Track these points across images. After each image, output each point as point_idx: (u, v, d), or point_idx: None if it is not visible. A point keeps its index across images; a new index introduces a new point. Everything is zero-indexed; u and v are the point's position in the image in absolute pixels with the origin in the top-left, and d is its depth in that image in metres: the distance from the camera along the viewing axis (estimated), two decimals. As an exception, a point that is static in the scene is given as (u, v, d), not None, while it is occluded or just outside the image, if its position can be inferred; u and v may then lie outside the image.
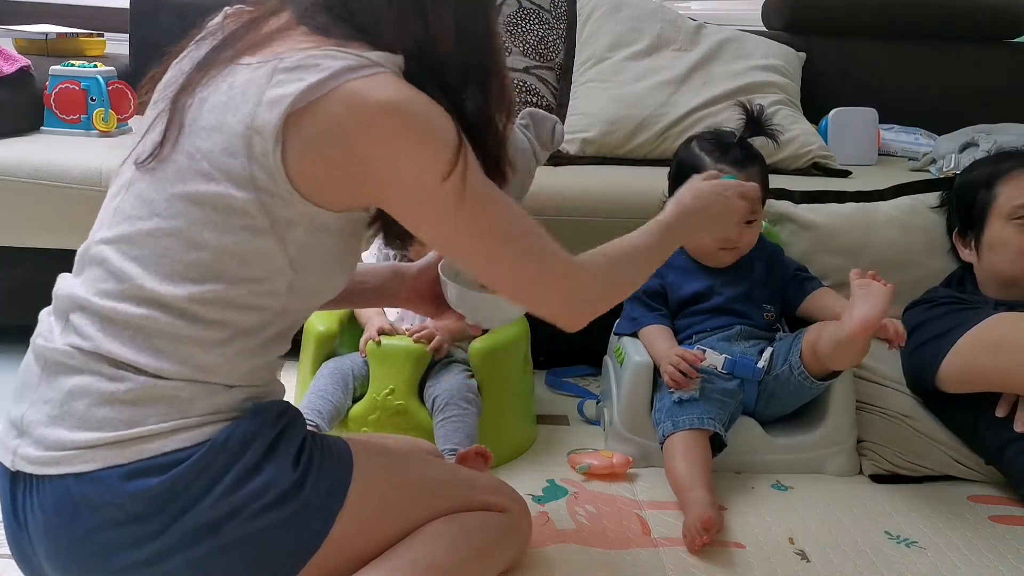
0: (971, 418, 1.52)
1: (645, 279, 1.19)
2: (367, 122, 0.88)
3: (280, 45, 0.93)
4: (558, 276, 1.02)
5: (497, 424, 1.53)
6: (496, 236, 0.97)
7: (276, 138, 0.87)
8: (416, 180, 0.90)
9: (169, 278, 0.90)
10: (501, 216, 0.98)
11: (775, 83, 2.30)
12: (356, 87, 0.87)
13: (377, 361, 1.48)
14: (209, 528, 0.89)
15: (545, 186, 1.85)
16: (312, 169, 0.89)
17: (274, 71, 0.89)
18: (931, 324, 1.57)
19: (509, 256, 0.98)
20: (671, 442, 1.45)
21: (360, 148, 0.89)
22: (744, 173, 1.56)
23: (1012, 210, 1.59)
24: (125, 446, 0.88)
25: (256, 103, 0.88)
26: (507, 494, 1.15)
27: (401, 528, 1.02)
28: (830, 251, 1.78)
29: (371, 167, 0.90)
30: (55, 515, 0.89)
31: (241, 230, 0.90)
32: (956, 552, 1.33)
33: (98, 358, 0.90)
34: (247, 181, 0.89)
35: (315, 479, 0.95)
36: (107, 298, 0.91)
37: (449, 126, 0.90)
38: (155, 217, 0.91)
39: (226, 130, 0.89)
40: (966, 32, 2.62)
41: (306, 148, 0.88)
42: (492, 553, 1.10)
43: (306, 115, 0.87)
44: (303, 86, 0.87)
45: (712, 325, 1.60)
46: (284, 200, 0.90)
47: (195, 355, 0.91)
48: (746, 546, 1.32)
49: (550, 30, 2.34)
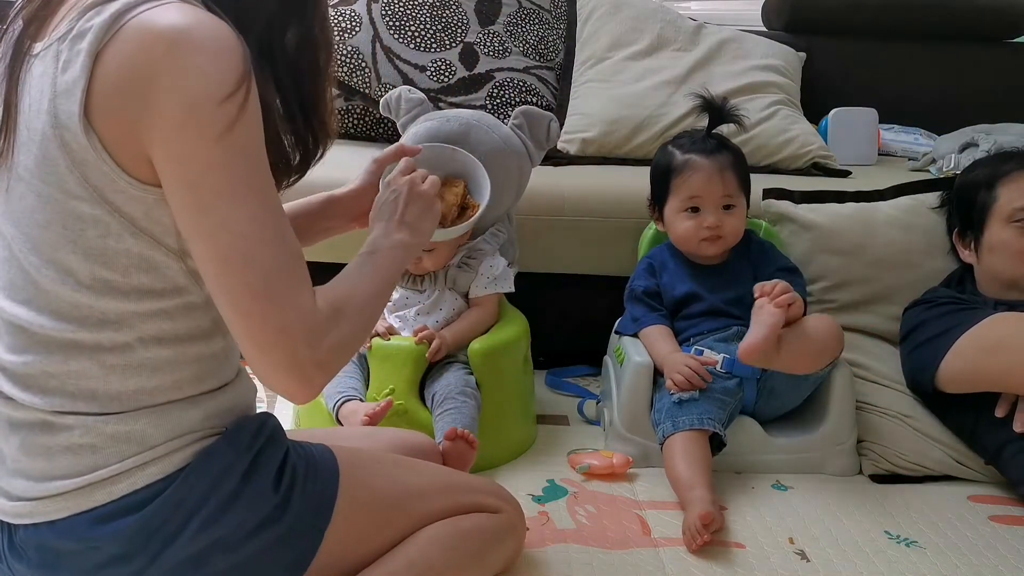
0: (971, 418, 1.52)
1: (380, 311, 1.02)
2: (148, 61, 0.78)
3: (63, 14, 0.85)
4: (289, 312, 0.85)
5: (497, 424, 1.53)
6: (245, 192, 0.82)
7: (84, 125, 0.80)
8: (189, 100, 0.79)
9: (60, 316, 0.84)
10: (257, 184, 0.83)
11: (775, 83, 2.30)
12: (139, 21, 0.79)
13: (377, 361, 1.48)
14: (195, 561, 0.87)
15: (545, 186, 1.85)
16: (125, 140, 0.80)
17: (57, 54, 0.81)
18: (931, 324, 1.57)
19: (247, 225, 0.82)
20: (671, 442, 1.45)
21: (143, 86, 0.79)
22: (713, 160, 1.59)
23: (1012, 212, 1.59)
24: (94, 489, 0.84)
25: (52, 96, 0.81)
26: (500, 495, 1.15)
27: (393, 536, 1.01)
28: (830, 251, 1.78)
29: (151, 99, 0.79)
30: (38, 563, 0.86)
31: (101, 239, 0.82)
32: (956, 552, 1.33)
33: (37, 411, 0.85)
34: (80, 186, 0.81)
35: (299, 498, 0.92)
36: (12, 353, 0.86)
37: (237, 52, 0.81)
38: (18, 257, 0.85)
39: (38, 137, 0.82)
40: (966, 32, 2.62)
41: (112, 116, 0.80)
42: (488, 554, 1.09)
43: (97, 79, 0.79)
44: (83, 57, 0.79)
45: (708, 328, 1.60)
46: (127, 193, 0.82)
47: (128, 383, 0.85)
48: (746, 546, 1.32)
49: (550, 30, 2.34)
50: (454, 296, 1.60)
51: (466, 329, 1.55)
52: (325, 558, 0.94)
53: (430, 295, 1.58)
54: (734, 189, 1.60)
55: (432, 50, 2.20)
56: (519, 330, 1.62)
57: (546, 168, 1.96)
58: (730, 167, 1.60)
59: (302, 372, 0.85)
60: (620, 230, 1.86)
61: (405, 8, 2.22)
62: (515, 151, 1.66)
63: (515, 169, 1.66)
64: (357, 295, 0.94)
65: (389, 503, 1.02)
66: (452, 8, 2.25)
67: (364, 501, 0.99)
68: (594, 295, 1.89)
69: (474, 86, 2.19)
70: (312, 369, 0.85)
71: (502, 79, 2.21)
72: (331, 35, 0.95)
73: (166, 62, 0.78)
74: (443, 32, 2.22)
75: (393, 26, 2.20)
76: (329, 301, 0.89)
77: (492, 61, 2.23)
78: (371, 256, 1.01)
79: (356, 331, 0.92)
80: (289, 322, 0.83)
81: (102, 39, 0.79)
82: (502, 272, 1.63)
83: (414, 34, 2.20)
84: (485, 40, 2.24)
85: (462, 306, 1.60)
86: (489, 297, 1.61)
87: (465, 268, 1.61)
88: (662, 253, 1.69)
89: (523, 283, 1.68)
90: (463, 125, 1.62)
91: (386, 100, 1.73)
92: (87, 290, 0.83)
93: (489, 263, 1.62)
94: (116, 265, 0.84)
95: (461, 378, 1.49)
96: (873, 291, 1.77)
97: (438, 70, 2.19)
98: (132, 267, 0.84)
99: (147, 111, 0.79)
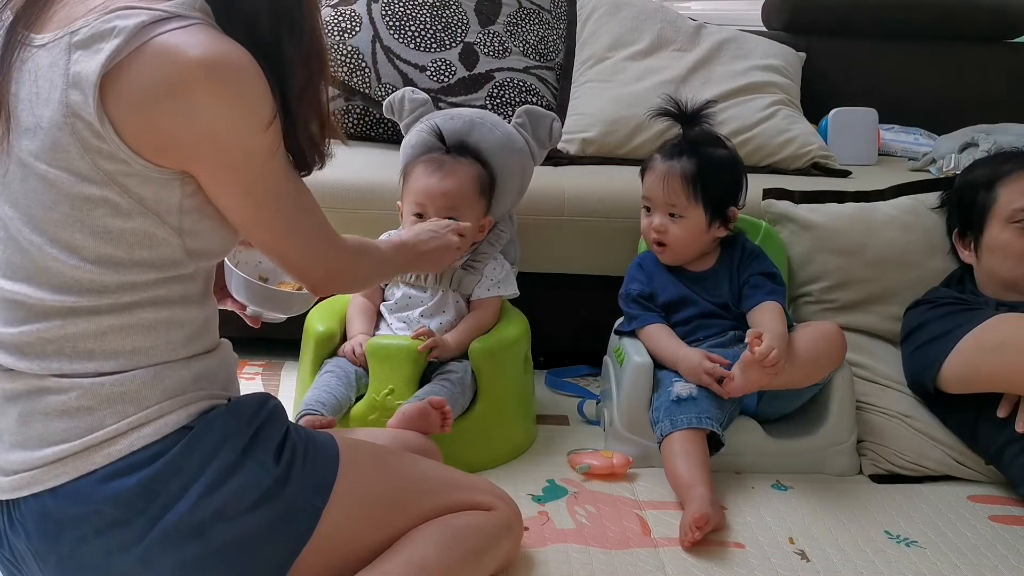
0: (971, 418, 1.52)
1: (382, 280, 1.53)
2: (185, 79, 0.84)
3: (68, 10, 0.88)
4: (326, 254, 1.04)
5: (497, 424, 1.54)
6: (285, 202, 0.96)
7: (100, 117, 0.84)
8: (231, 136, 0.88)
9: (61, 289, 0.88)
10: (291, 190, 0.97)
11: (775, 83, 2.30)
12: (168, 41, 0.84)
13: (377, 361, 1.48)
14: (194, 530, 0.88)
15: (545, 186, 1.85)
16: (148, 135, 0.86)
17: (69, 47, 0.85)
18: (932, 325, 1.57)
19: (295, 221, 0.99)
20: (670, 442, 1.45)
21: (180, 103, 0.85)
22: (667, 165, 1.58)
23: (1012, 213, 1.59)
24: (92, 452, 0.87)
25: (64, 87, 0.85)
26: (495, 493, 1.15)
27: (389, 526, 1.02)
28: (830, 251, 1.78)
29: (189, 122, 0.86)
30: (38, 536, 0.88)
31: (110, 218, 0.87)
32: (956, 552, 1.33)
33: (34, 378, 0.88)
34: (92, 170, 0.86)
35: (299, 474, 0.95)
36: (9, 326, 0.89)
37: (263, 80, 0.89)
38: (15, 237, 0.89)
39: (46, 124, 0.86)
40: (966, 32, 2.62)
41: (133, 113, 0.85)
42: (485, 553, 1.09)
43: (120, 81, 0.84)
44: (103, 58, 0.83)
45: (704, 334, 1.60)
46: (141, 175, 0.87)
47: (125, 343, 0.90)
48: (746, 546, 1.32)
49: (550, 30, 2.34)
50: (457, 298, 1.60)
51: (467, 333, 1.55)
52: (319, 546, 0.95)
53: (433, 295, 1.58)
54: (679, 198, 1.56)
55: (432, 50, 2.20)
56: (519, 330, 1.62)
57: (546, 168, 1.96)
58: (679, 175, 1.56)
59: (329, 270, 1.04)
60: (620, 230, 1.86)
61: (405, 8, 2.22)
62: (518, 148, 1.66)
63: (518, 166, 1.67)
64: (374, 252, 1.17)
65: (385, 494, 1.03)
66: (452, 8, 2.25)
67: (361, 489, 1.00)
68: (594, 295, 1.89)
69: (474, 86, 2.19)
70: (337, 271, 1.05)
71: (502, 79, 2.21)
72: (325, 61, 0.99)
73: (207, 87, 0.85)
74: (443, 32, 2.22)
75: (393, 26, 2.20)
76: (356, 243, 1.10)
77: (492, 61, 2.23)
78: (401, 241, 1.27)
79: (367, 269, 1.15)
80: (331, 250, 1.03)
81: (127, 46, 0.83)
82: (506, 276, 1.63)
83: (414, 34, 2.20)
84: (485, 40, 2.24)
85: (464, 309, 1.61)
86: (491, 300, 1.61)
87: (470, 270, 1.61)
88: (652, 257, 1.68)
89: (523, 283, 1.68)
90: (467, 123, 1.63)
91: (389, 102, 1.73)
92: (91, 265, 0.88)
93: (493, 266, 1.62)
94: (121, 242, 0.89)
95: (461, 369, 1.51)
96: (873, 291, 1.77)
97: (438, 70, 2.19)
98: (136, 244, 0.89)
99: (189, 128, 0.86)
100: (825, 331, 1.52)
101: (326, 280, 1.06)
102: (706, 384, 1.48)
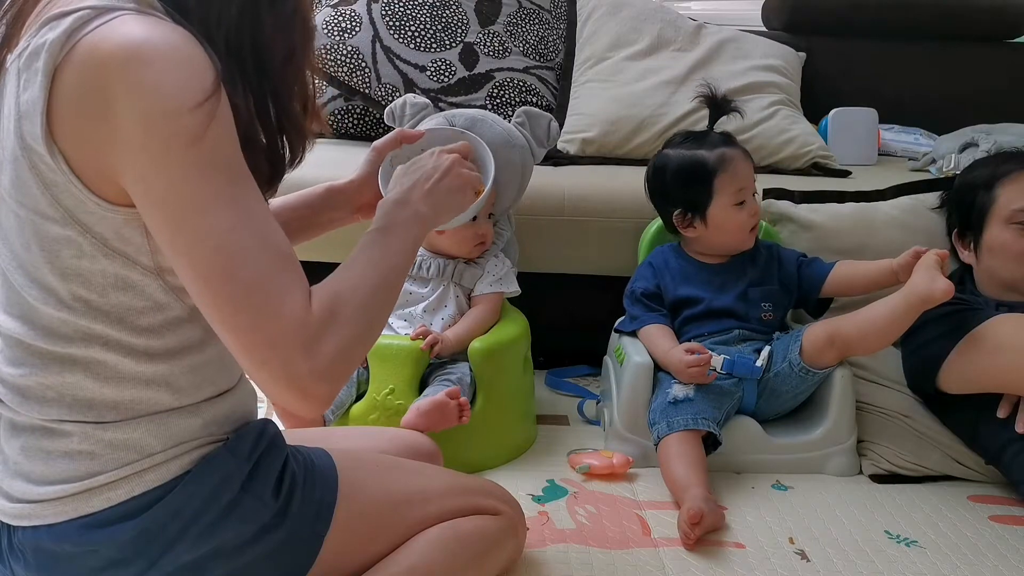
0: (971, 418, 1.52)
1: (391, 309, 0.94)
2: (102, 82, 0.74)
3: (28, 20, 0.81)
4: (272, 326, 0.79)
5: (497, 424, 1.54)
6: (217, 204, 0.77)
7: (49, 147, 0.76)
8: (147, 117, 0.75)
9: (49, 333, 0.83)
10: (231, 193, 0.78)
11: (775, 83, 2.30)
12: (88, 43, 0.75)
13: (377, 361, 1.48)
14: (193, 568, 0.86)
15: (545, 186, 1.85)
16: (89, 159, 0.77)
17: (18, 72, 0.78)
18: (932, 325, 1.57)
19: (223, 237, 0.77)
20: (666, 444, 1.45)
21: (100, 109, 0.75)
22: (740, 150, 1.61)
23: (1011, 214, 1.59)
24: (91, 495, 0.84)
25: (16, 117, 0.78)
26: (500, 497, 1.14)
27: (393, 540, 1.01)
28: (830, 251, 1.77)
29: (110, 130, 0.75)
30: (36, 566, 0.86)
31: (75, 259, 0.80)
32: (956, 552, 1.33)
33: (36, 420, 0.85)
34: (53, 207, 0.79)
35: (299, 504, 0.92)
36: (11, 366, 0.85)
37: (199, 60, 0.77)
38: (6, 273, 0.84)
39: (9, 157, 0.80)
40: (966, 32, 2.62)
41: (73, 135, 0.76)
42: (489, 557, 1.09)
43: (57, 100, 0.75)
44: (41, 79, 0.76)
45: (710, 330, 1.60)
46: (96, 214, 0.79)
47: (123, 395, 0.84)
48: (746, 546, 1.32)
49: (550, 30, 2.34)
50: (458, 292, 1.60)
51: (468, 329, 1.55)
52: (324, 564, 0.94)
53: (435, 289, 1.59)
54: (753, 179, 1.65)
55: (432, 50, 2.20)
56: (519, 330, 1.62)
57: (546, 168, 1.96)
58: (749, 158, 1.64)
59: (300, 385, 0.79)
60: (620, 230, 1.86)
61: (405, 8, 2.22)
62: (519, 145, 1.67)
63: (518, 163, 1.67)
64: (360, 289, 0.85)
65: (388, 508, 1.01)
66: (452, 8, 2.25)
67: (363, 506, 0.99)
68: (594, 295, 1.89)
69: (474, 86, 2.19)
70: (311, 381, 0.79)
71: (502, 79, 2.21)
72: (309, 33, 0.90)
73: (121, 80, 0.74)
74: (443, 32, 2.22)
75: (393, 26, 2.20)
76: (325, 302, 0.81)
77: (492, 61, 2.23)
78: (382, 234, 0.92)
79: (359, 332, 0.84)
80: (279, 334, 0.77)
81: (57, 57, 0.76)
82: (507, 273, 1.64)
83: (414, 34, 2.20)
84: (485, 40, 2.24)
85: (465, 304, 1.61)
86: (493, 296, 1.61)
87: (473, 264, 1.61)
88: (664, 254, 1.69)
89: (523, 283, 1.68)
90: (468, 120, 1.64)
91: (390, 109, 1.72)
92: (68, 309, 0.82)
93: (495, 262, 1.63)
94: (93, 285, 0.82)
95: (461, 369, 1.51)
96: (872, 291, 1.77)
97: (438, 70, 2.19)
98: (109, 286, 0.82)
99: (109, 133, 0.75)
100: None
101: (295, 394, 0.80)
102: (695, 377, 1.48)
